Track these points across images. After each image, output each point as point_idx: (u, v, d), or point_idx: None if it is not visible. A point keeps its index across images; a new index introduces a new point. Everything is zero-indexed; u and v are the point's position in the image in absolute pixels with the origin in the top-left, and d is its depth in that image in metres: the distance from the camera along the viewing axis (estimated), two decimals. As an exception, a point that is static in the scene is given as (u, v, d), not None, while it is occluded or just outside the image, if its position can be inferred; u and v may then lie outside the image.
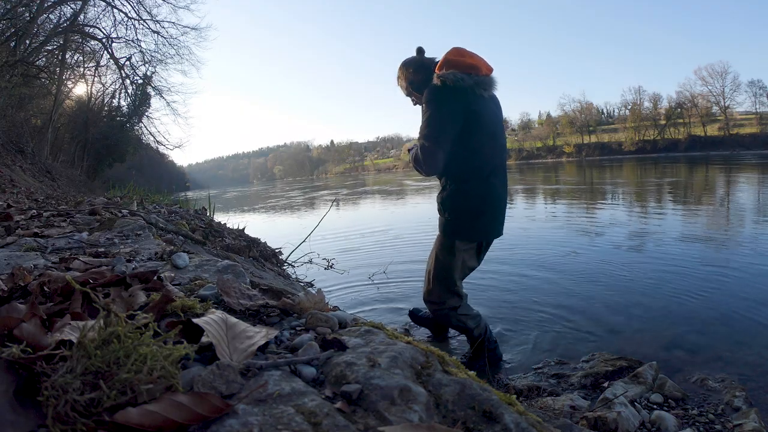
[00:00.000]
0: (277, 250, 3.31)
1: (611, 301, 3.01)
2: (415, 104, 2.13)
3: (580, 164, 38.87)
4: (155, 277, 0.77)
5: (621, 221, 6.35)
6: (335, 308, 0.85)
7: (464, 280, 2.19)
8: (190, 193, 23.98)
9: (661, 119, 56.61)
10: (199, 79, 62.42)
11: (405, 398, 0.45)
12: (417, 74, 2.08)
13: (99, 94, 20.67)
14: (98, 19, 16.26)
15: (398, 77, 2.15)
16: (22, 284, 0.72)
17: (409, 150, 2.17)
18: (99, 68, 18.50)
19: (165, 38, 17.05)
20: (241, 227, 3.65)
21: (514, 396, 0.53)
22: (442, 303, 2.08)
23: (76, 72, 17.69)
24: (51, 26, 14.14)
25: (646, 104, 58.81)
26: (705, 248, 4.44)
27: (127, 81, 18.63)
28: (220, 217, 5.27)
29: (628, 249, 4.55)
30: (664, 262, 3.92)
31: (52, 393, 0.37)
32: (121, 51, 17.84)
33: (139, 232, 1.56)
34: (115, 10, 15.99)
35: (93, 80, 19.33)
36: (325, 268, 3.81)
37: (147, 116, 20.25)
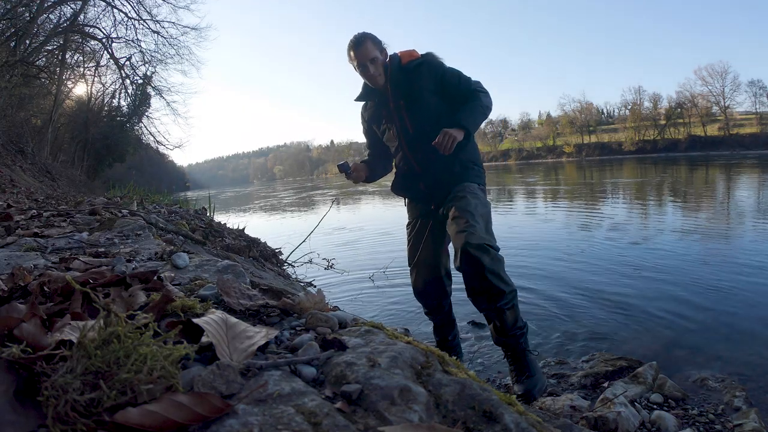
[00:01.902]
0: (277, 250, 3.31)
1: (611, 300, 3.01)
2: (368, 75, 1.95)
3: (580, 164, 38.89)
4: (155, 277, 0.77)
5: (621, 220, 6.36)
6: (335, 308, 0.85)
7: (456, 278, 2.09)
8: (189, 193, 24.00)
9: (661, 119, 56.59)
10: (199, 79, 62.52)
11: (405, 398, 0.45)
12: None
13: (99, 94, 20.69)
14: (98, 19, 16.28)
15: (378, 51, 1.95)
16: (22, 284, 0.72)
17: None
18: (99, 68, 18.52)
19: (165, 38, 17.07)
20: (241, 227, 3.65)
21: (514, 396, 0.53)
22: (493, 244, 1.71)
23: (76, 72, 17.71)
24: (51, 26, 14.14)
25: (646, 104, 58.83)
26: (705, 247, 4.44)
27: (127, 81, 18.65)
28: (220, 217, 5.28)
29: (626, 248, 4.55)
30: (664, 261, 3.92)
31: (52, 393, 0.37)
32: (121, 51, 17.84)
33: (139, 232, 1.55)
34: (115, 10, 16.00)
35: (93, 80, 19.35)
36: (325, 268, 3.81)
37: (147, 116, 20.27)
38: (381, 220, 8.55)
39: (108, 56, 17.42)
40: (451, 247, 1.85)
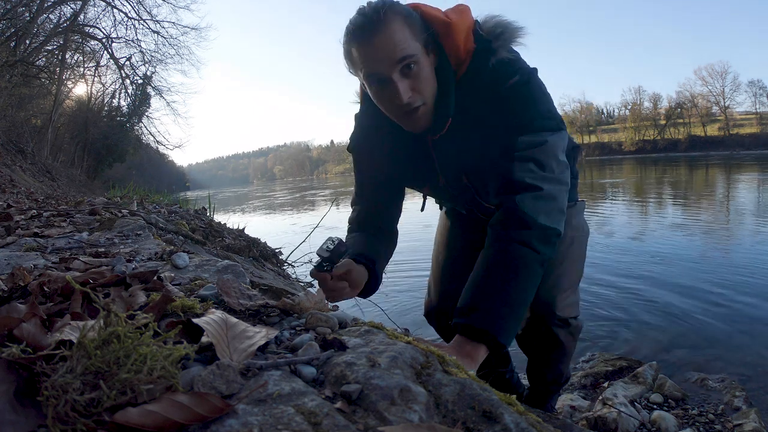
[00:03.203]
0: (277, 250, 3.30)
1: (610, 300, 3.01)
2: (392, 106, 0.98)
3: (580, 164, 38.87)
4: (155, 277, 0.77)
5: (620, 219, 6.36)
6: (335, 308, 0.85)
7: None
8: (189, 193, 24.01)
9: (661, 119, 56.67)
10: (199, 79, 62.29)
11: (405, 398, 0.45)
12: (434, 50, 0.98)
13: (99, 94, 20.72)
14: (98, 19, 16.34)
15: (417, 40, 0.93)
16: (22, 284, 0.72)
17: None
18: (99, 68, 18.58)
19: (165, 38, 17.13)
20: (241, 227, 3.65)
21: (514, 396, 0.53)
22: (577, 314, 1.38)
23: (76, 72, 17.74)
24: (51, 26, 14.17)
25: (646, 104, 58.99)
26: (705, 247, 4.43)
27: (127, 81, 18.70)
28: (219, 217, 5.27)
29: (625, 247, 4.54)
30: (664, 260, 3.92)
31: (52, 393, 0.37)
32: (121, 51, 17.89)
33: (139, 232, 1.55)
34: (115, 10, 16.05)
35: (93, 80, 19.39)
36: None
37: (147, 116, 20.34)
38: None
39: (108, 56, 17.48)
40: None
